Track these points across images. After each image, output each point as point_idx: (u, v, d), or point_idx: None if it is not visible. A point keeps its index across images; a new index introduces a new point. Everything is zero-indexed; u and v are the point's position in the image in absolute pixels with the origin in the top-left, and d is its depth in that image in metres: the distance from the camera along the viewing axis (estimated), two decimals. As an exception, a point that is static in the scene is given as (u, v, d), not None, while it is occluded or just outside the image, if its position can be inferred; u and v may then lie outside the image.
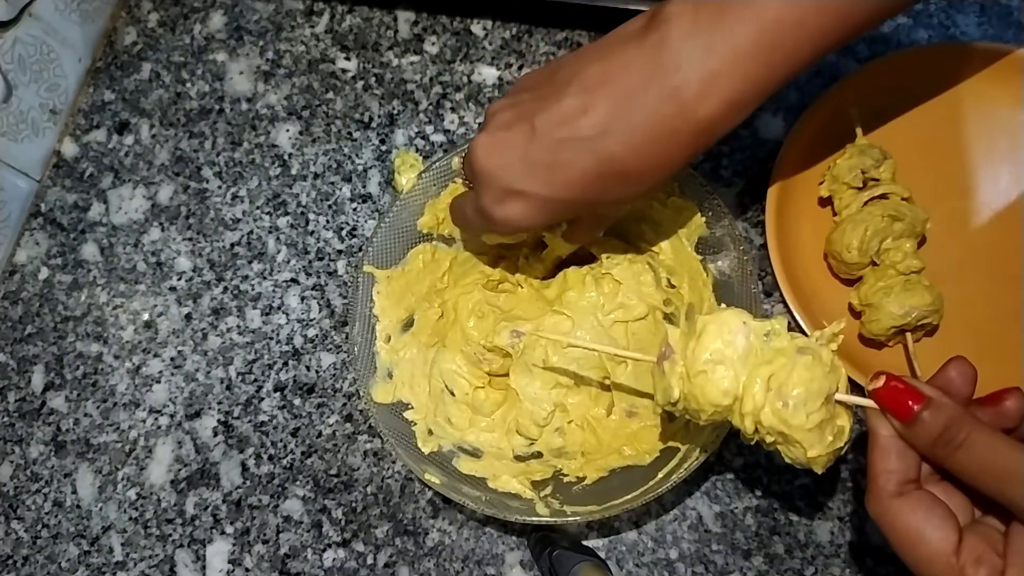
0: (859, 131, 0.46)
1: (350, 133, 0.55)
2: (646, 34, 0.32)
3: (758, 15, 0.30)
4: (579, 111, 0.33)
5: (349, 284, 0.52)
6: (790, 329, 0.33)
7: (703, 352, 0.32)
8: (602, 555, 0.44)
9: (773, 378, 0.31)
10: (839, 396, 0.31)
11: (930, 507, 0.29)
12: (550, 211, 0.35)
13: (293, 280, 0.52)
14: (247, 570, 0.46)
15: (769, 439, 0.32)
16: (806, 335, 0.44)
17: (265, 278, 0.52)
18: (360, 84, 0.56)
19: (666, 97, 0.31)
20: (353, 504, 0.47)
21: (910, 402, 0.29)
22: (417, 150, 0.54)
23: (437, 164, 0.45)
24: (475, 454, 0.44)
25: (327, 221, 0.53)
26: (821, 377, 0.30)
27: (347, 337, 0.48)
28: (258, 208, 0.54)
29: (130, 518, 0.48)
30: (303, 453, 0.48)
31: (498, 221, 0.36)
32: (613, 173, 0.33)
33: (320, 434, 0.48)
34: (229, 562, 0.47)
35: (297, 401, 0.49)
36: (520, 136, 0.34)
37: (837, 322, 0.32)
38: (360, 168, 0.54)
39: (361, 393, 0.43)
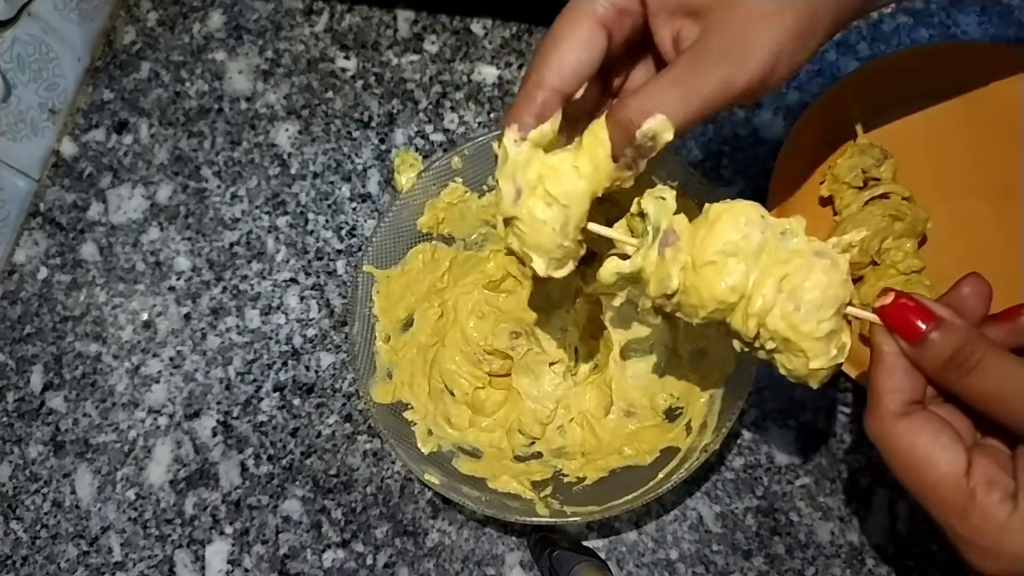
0: (859, 130, 0.46)
1: (350, 132, 0.55)
2: None
3: None
4: None
5: (348, 284, 0.51)
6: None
7: (715, 242, 0.29)
8: (602, 555, 0.44)
9: (787, 279, 0.29)
10: (849, 309, 0.29)
11: (938, 428, 0.27)
12: None
13: (292, 280, 0.52)
14: (246, 570, 0.46)
15: (770, 345, 0.30)
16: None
17: (264, 278, 0.52)
18: (360, 83, 0.56)
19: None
20: (353, 504, 0.47)
21: (919, 321, 0.27)
22: (417, 149, 0.54)
23: (437, 163, 0.44)
24: (475, 454, 0.44)
25: (326, 221, 0.53)
26: (838, 284, 0.29)
27: (347, 337, 0.48)
28: (257, 208, 0.54)
29: (129, 518, 0.48)
30: (302, 453, 0.48)
31: None
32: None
33: (319, 434, 0.48)
34: (228, 562, 0.47)
35: (296, 401, 0.49)
36: None
37: (858, 230, 0.30)
38: (360, 168, 0.54)
39: (361, 393, 0.43)
